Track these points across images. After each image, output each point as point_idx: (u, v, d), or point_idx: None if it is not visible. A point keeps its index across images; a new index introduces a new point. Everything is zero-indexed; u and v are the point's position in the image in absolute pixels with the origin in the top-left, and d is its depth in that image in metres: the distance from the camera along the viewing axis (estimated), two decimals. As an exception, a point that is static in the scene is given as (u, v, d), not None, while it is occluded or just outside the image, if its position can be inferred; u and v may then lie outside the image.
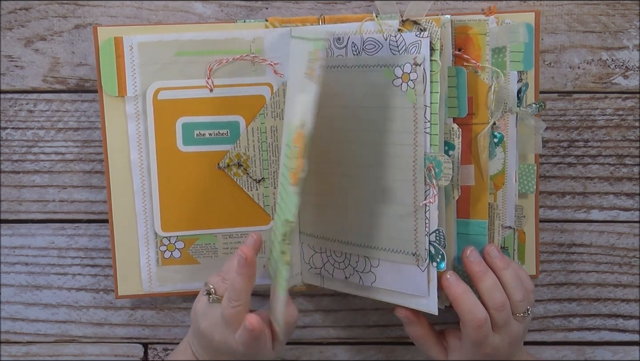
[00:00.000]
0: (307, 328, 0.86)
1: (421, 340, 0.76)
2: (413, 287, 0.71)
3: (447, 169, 0.68)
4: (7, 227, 0.84)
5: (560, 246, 0.84)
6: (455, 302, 0.70)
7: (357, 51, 0.72)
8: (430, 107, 0.68)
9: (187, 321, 0.84)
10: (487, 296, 0.70)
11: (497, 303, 0.70)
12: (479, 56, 0.71)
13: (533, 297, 0.74)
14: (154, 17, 0.81)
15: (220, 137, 0.78)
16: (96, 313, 0.85)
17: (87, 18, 0.81)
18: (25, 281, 0.85)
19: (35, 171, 0.83)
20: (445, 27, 0.69)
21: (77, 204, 0.84)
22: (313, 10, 0.81)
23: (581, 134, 0.83)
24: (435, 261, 0.69)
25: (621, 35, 0.81)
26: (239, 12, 0.81)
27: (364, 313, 0.86)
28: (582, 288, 0.85)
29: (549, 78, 0.82)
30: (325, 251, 0.78)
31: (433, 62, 0.68)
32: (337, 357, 0.86)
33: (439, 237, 0.69)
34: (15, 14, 0.81)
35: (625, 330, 0.86)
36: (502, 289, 0.70)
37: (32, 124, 0.83)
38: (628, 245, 0.84)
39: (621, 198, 0.84)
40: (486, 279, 0.70)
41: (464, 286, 0.70)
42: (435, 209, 0.69)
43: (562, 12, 0.81)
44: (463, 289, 0.70)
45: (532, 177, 0.79)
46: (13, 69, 0.82)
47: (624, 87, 0.82)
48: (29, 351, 0.86)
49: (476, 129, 0.73)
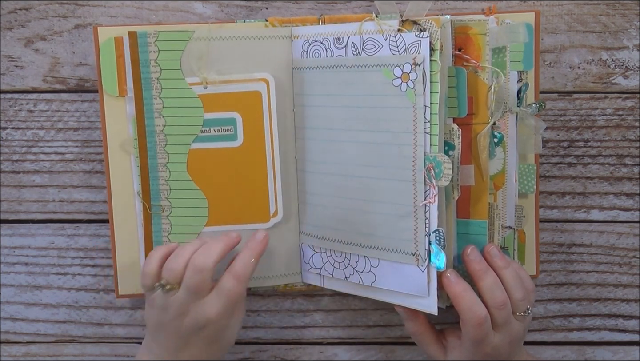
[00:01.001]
0: (307, 328, 0.86)
1: (419, 337, 0.76)
2: (413, 287, 0.71)
3: (447, 170, 0.68)
4: (7, 227, 0.84)
5: (560, 246, 0.84)
6: (455, 300, 0.70)
7: (357, 51, 0.72)
8: (430, 108, 0.68)
9: (187, 321, 0.85)
10: (487, 295, 0.70)
11: (497, 301, 0.70)
12: (479, 56, 0.71)
13: (534, 297, 0.74)
14: (154, 17, 0.81)
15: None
16: (96, 313, 0.85)
17: (87, 18, 0.81)
18: (25, 281, 0.85)
19: (35, 171, 0.83)
20: (445, 27, 0.69)
21: (77, 204, 0.84)
22: (313, 10, 0.81)
23: (581, 134, 0.83)
24: (435, 261, 0.69)
25: (621, 35, 0.81)
26: (239, 12, 0.81)
27: (364, 313, 0.86)
28: (582, 288, 0.85)
29: (549, 78, 0.82)
30: (325, 251, 0.78)
31: (433, 62, 0.68)
32: (337, 357, 0.86)
33: (439, 237, 0.69)
34: (15, 14, 0.81)
35: (625, 330, 0.86)
36: (502, 288, 0.70)
37: (32, 124, 0.83)
38: (628, 245, 0.84)
39: (621, 198, 0.84)
40: (487, 278, 0.70)
41: (464, 285, 0.70)
42: (435, 210, 0.69)
43: (562, 12, 0.81)
44: (463, 288, 0.70)
45: (532, 177, 0.79)
46: (13, 69, 0.82)
47: (624, 87, 0.82)
48: (29, 351, 0.86)
49: (476, 129, 0.73)
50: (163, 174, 0.78)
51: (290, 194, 0.79)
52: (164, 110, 0.77)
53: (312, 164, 0.77)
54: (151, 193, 0.78)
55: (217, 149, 0.78)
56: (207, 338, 0.71)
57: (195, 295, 0.70)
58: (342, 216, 0.75)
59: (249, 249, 0.72)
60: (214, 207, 0.79)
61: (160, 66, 0.76)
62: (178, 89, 0.76)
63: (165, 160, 0.78)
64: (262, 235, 0.73)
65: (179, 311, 0.70)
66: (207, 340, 0.71)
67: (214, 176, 0.78)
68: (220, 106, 0.77)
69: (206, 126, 0.77)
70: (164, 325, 0.71)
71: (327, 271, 0.78)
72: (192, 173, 0.78)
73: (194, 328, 0.70)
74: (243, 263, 0.71)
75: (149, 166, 0.77)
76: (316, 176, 0.77)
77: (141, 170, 0.77)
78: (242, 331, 0.85)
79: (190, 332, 0.71)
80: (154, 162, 0.77)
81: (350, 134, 0.73)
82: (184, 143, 0.77)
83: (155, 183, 0.78)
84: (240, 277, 0.70)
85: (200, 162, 0.78)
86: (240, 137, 0.78)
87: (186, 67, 0.76)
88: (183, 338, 0.71)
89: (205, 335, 0.71)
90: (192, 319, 0.70)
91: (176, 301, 0.70)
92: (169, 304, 0.70)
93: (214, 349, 0.72)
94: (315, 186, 0.77)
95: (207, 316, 0.70)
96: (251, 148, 0.78)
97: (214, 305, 0.70)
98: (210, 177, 0.78)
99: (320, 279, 0.80)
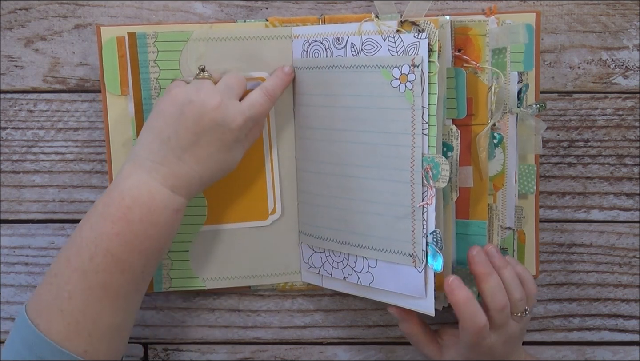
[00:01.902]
0: (307, 328, 0.86)
1: (414, 337, 0.76)
2: (410, 288, 0.71)
3: (444, 171, 0.68)
4: (7, 227, 0.84)
5: (560, 246, 0.84)
6: (457, 308, 0.69)
7: (356, 52, 0.72)
8: (428, 109, 0.68)
9: (187, 322, 0.84)
10: (489, 298, 0.70)
11: (498, 304, 0.70)
12: (478, 57, 0.71)
13: (534, 300, 0.74)
14: (154, 17, 0.81)
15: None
16: (96, 312, 0.85)
17: (87, 18, 0.81)
18: (25, 281, 0.85)
19: (35, 171, 0.83)
20: (444, 28, 0.69)
21: (77, 204, 0.84)
22: (313, 10, 0.81)
23: (581, 134, 0.83)
24: (432, 263, 0.69)
25: (621, 35, 0.81)
26: (239, 12, 0.81)
27: (364, 313, 0.86)
28: (582, 288, 0.85)
29: (549, 78, 0.82)
30: (324, 251, 0.78)
31: (431, 63, 0.67)
32: (337, 357, 0.87)
33: (436, 238, 0.69)
34: (15, 14, 0.81)
35: (625, 330, 0.86)
36: (504, 292, 0.70)
37: (32, 124, 0.83)
38: (628, 245, 0.84)
39: (621, 198, 0.84)
40: (490, 281, 0.70)
41: (467, 293, 0.69)
42: (433, 211, 0.69)
43: (562, 12, 0.81)
44: (466, 296, 0.69)
45: (532, 177, 0.79)
46: (13, 69, 0.82)
47: (624, 87, 0.82)
48: (30, 350, 0.86)
49: (476, 130, 0.72)
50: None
51: (289, 192, 0.80)
52: (163, 110, 0.77)
53: (311, 164, 0.77)
54: (151, 193, 0.78)
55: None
56: (220, 141, 0.69)
57: (230, 90, 0.69)
58: (340, 216, 0.75)
59: (277, 77, 0.75)
60: (212, 205, 0.79)
61: (160, 66, 0.76)
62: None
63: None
64: (289, 68, 0.76)
65: (209, 95, 0.68)
66: (219, 143, 0.69)
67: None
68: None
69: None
70: (184, 113, 0.68)
71: (325, 270, 0.78)
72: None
73: (214, 122, 0.68)
74: (274, 83, 0.74)
75: (148, 166, 0.78)
76: (315, 176, 0.77)
77: (141, 170, 0.78)
78: (242, 331, 0.85)
79: (209, 127, 0.68)
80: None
81: (349, 135, 0.73)
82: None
83: (154, 183, 0.78)
84: (270, 94, 0.72)
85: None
86: (239, 137, 0.78)
87: (185, 67, 0.76)
88: (197, 134, 0.68)
89: (219, 137, 0.68)
90: (219, 112, 0.68)
91: (210, 85, 0.69)
92: (202, 85, 0.69)
93: (219, 159, 0.70)
94: (314, 185, 0.77)
95: (232, 117, 0.68)
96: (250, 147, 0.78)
97: (242, 111, 0.69)
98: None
99: (319, 279, 0.80)
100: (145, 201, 0.66)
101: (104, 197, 0.68)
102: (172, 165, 0.68)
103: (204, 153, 0.68)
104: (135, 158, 0.68)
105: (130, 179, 0.67)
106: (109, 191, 0.68)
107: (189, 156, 0.68)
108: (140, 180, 0.67)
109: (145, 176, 0.67)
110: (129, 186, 0.67)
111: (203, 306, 0.85)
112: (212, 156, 0.69)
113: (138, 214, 0.66)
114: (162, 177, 0.67)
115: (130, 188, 0.67)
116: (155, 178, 0.67)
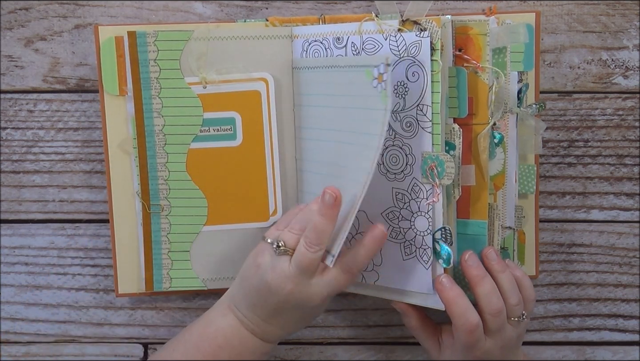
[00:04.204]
0: (307, 328, 0.86)
1: (417, 331, 0.76)
2: (418, 285, 0.71)
3: (449, 168, 0.68)
4: (7, 227, 0.84)
5: (560, 246, 0.84)
6: (448, 305, 0.70)
7: (357, 51, 0.72)
8: (431, 107, 0.68)
9: (187, 322, 0.84)
10: (484, 301, 0.70)
11: (493, 308, 0.70)
12: (479, 56, 0.71)
13: (533, 306, 0.73)
14: (154, 17, 0.81)
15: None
16: (96, 313, 0.85)
17: (87, 18, 0.81)
18: (25, 281, 0.85)
19: (35, 171, 0.83)
20: (445, 27, 0.69)
21: (77, 204, 0.84)
22: (313, 10, 0.81)
23: (581, 134, 0.83)
24: (441, 259, 0.69)
25: (621, 35, 0.81)
26: (239, 12, 0.81)
27: (364, 313, 0.86)
28: (582, 288, 0.85)
29: (549, 78, 0.82)
30: (325, 251, 0.78)
31: (434, 62, 0.67)
32: (337, 357, 0.86)
33: (445, 234, 0.69)
34: (15, 14, 0.81)
35: (625, 330, 0.86)
36: (499, 295, 0.70)
37: (32, 124, 0.83)
38: (628, 245, 0.84)
39: (621, 198, 0.84)
40: (484, 284, 0.70)
41: (457, 290, 0.69)
42: (440, 208, 0.69)
43: (562, 12, 0.81)
44: (456, 293, 0.69)
45: (532, 177, 0.79)
46: (13, 69, 0.82)
47: (624, 87, 0.82)
48: (29, 351, 0.86)
49: (476, 130, 0.72)
50: (162, 174, 0.78)
51: (290, 193, 0.79)
52: (163, 110, 0.77)
53: (311, 164, 0.77)
54: (150, 193, 0.78)
55: (217, 149, 0.78)
56: (302, 313, 0.71)
57: (302, 273, 0.68)
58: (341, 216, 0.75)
59: (364, 247, 0.69)
60: (213, 206, 0.79)
61: (160, 66, 0.76)
62: (177, 88, 0.76)
63: (165, 160, 0.77)
64: (381, 233, 0.68)
65: (281, 281, 0.68)
66: (300, 313, 0.71)
67: (213, 175, 0.78)
68: (220, 106, 0.77)
69: (205, 126, 0.77)
70: (262, 285, 0.69)
71: (327, 271, 0.78)
72: (191, 173, 0.78)
73: (290, 305, 0.69)
74: (356, 260, 0.69)
75: (148, 165, 0.77)
76: (315, 176, 0.77)
77: (140, 170, 0.77)
78: (242, 331, 0.85)
79: (286, 308, 0.70)
80: (153, 162, 0.77)
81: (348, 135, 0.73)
82: (183, 143, 0.77)
83: (154, 182, 0.78)
84: (353, 272, 0.70)
85: (199, 161, 0.78)
86: (239, 136, 0.78)
87: (185, 66, 0.76)
88: (277, 310, 0.70)
89: (300, 313, 0.70)
90: (294, 298, 0.68)
91: (284, 266, 0.68)
92: (276, 267, 0.68)
93: (305, 321, 0.73)
94: (314, 186, 0.77)
95: (310, 302, 0.69)
96: (250, 148, 0.78)
97: (318, 292, 0.69)
98: (209, 176, 0.78)
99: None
100: (235, 346, 0.72)
101: (200, 326, 0.73)
102: (261, 324, 0.71)
103: (288, 321, 0.72)
104: (232, 299, 0.73)
105: (226, 319, 0.72)
106: (207, 322, 0.73)
107: (275, 321, 0.71)
108: (233, 325, 0.72)
109: (238, 323, 0.72)
110: (224, 325, 0.72)
111: (203, 306, 0.84)
112: (297, 323, 0.72)
113: (227, 355, 0.71)
114: (252, 329, 0.72)
115: (224, 328, 0.72)
116: (247, 327, 0.71)
